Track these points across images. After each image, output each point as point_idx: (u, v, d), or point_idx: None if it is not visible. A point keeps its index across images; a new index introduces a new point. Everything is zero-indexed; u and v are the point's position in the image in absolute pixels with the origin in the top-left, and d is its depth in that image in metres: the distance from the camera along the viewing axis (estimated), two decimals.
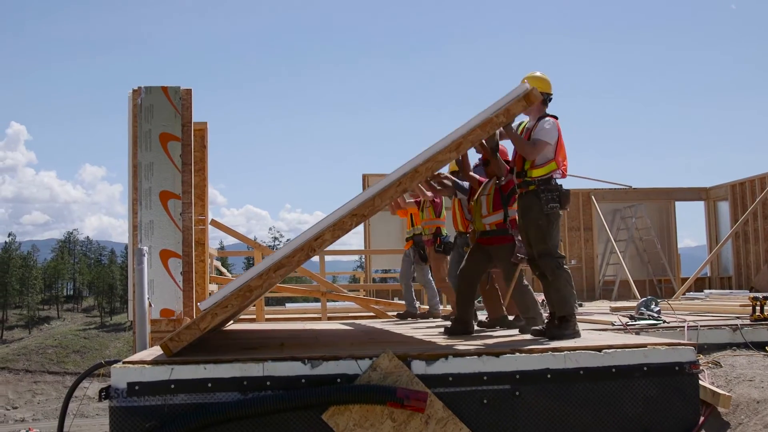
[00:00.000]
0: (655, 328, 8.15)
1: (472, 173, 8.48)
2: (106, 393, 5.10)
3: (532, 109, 6.70)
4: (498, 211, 7.72)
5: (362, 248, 19.82)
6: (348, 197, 8.72)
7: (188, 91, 8.61)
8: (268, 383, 5.17)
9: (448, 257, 10.30)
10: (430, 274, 11.23)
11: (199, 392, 5.10)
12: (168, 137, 8.46)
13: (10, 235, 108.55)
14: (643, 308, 9.39)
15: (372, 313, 13.44)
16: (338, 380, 5.23)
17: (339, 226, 5.60)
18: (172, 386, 5.07)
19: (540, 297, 15.37)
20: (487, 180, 8.05)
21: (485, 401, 5.35)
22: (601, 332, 7.65)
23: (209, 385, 5.11)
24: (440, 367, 5.34)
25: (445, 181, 9.29)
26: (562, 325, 6.58)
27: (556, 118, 6.85)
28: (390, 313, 13.03)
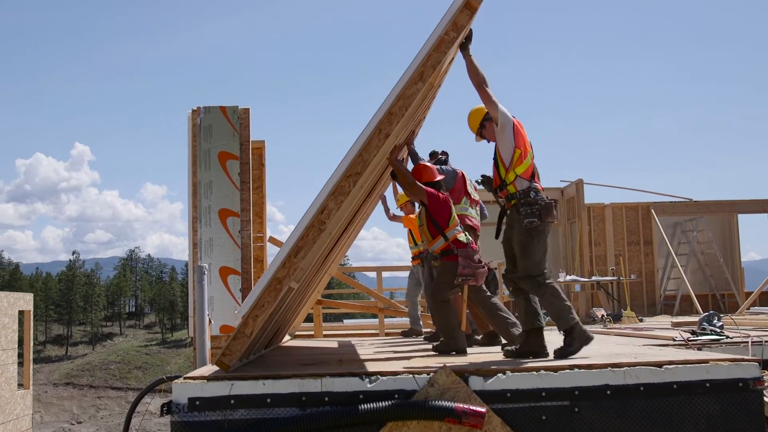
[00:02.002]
0: (717, 344, 8.01)
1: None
2: (167, 408, 5.17)
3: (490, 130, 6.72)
4: (437, 237, 7.67)
5: None
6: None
7: (246, 111, 8.75)
8: (326, 399, 5.19)
9: None
10: None
11: (259, 407, 5.14)
12: (227, 156, 8.60)
13: (74, 253, 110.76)
14: (705, 323, 9.23)
15: (429, 329, 13.41)
16: (396, 396, 5.23)
17: (338, 192, 5.54)
18: (232, 401, 5.13)
19: (600, 312, 15.26)
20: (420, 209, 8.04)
21: (544, 418, 5.31)
22: (662, 348, 7.54)
23: (268, 400, 5.15)
24: (498, 383, 5.31)
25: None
26: (567, 340, 6.35)
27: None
28: None
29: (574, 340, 6.29)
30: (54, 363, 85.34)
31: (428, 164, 8.32)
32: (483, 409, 5.12)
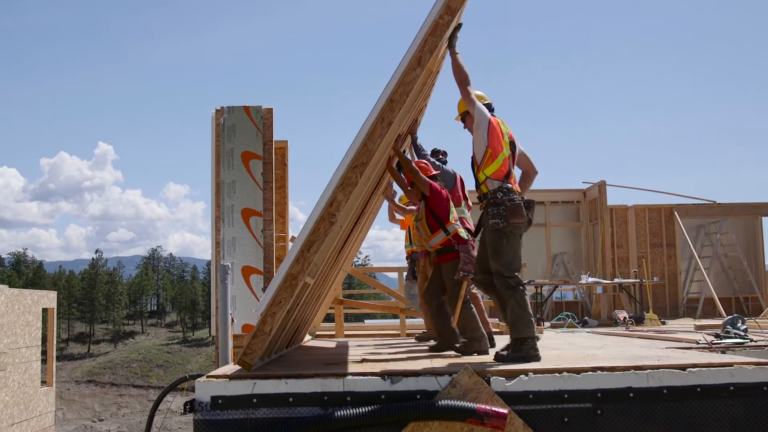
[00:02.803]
0: (741, 347, 7.95)
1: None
2: (190, 406, 5.20)
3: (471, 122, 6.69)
4: (437, 231, 7.64)
5: None
6: None
7: (269, 110, 8.77)
8: (348, 399, 5.20)
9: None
10: None
11: (281, 407, 5.15)
12: (250, 156, 8.63)
13: (97, 251, 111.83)
14: (728, 326, 9.18)
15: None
16: (418, 396, 5.23)
17: (346, 183, 5.56)
18: (255, 400, 5.15)
19: (622, 314, 15.18)
20: (418, 205, 7.99)
21: (566, 419, 5.29)
22: (686, 351, 7.50)
23: (290, 399, 5.16)
24: (520, 385, 5.30)
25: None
26: (514, 348, 6.27)
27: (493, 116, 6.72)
28: None
29: (519, 351, 6.20)
30: (76, 360, 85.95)
31: (423, 161, 8.32)
32: (505, 411, 5.11)
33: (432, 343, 8.52)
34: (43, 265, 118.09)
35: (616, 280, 18.07)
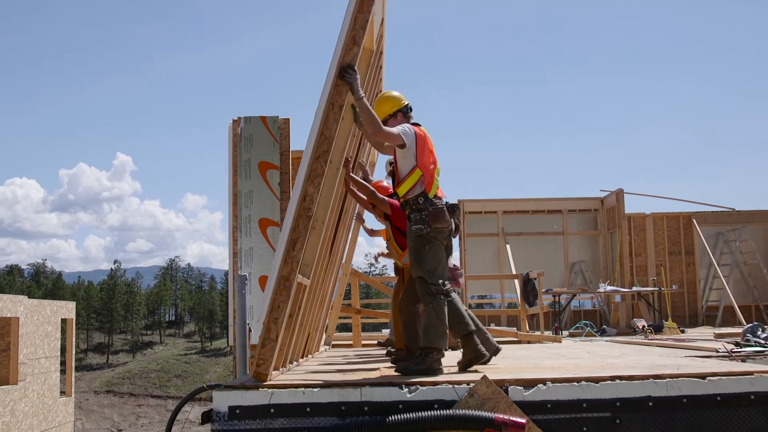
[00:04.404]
0: (762, 356, 7.89)
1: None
2: (208, 416, 5.21)
3: (394, 125, 6.52)
4: (407, 249, 7.61)
5: None
6: None
7: (286, 121, 8.80)
8: (365, 408, 5.18)
9: None
10: None
11: (298, 417, 5.15)
12: (267, 166, 8.66)
13: (115, 262, 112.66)
14: (749, 335, 9.11)
15: None
16: (435, 406, 5.22)
17: (313, 175, 5.58)
18: (272, 410, 5.14)
19: (641, 323, 15.12)
20: (385, 224, 7.96)
21: (585, 429, 5.26)
22: (705, 359, 7.44)
23: (308, 409, 5.16)
24: (538, 394, 5.28)
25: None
26: (419, 357, 6.20)
27: (417, 125, 6.58)
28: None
29: (423, 363, 6.12)
30: (95, 371, 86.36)
31: (382, 181, 8.24)
32: (523, 420, 5.09)
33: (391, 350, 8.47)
34: (62, 275, 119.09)
35: (634, 288, 18.00)
